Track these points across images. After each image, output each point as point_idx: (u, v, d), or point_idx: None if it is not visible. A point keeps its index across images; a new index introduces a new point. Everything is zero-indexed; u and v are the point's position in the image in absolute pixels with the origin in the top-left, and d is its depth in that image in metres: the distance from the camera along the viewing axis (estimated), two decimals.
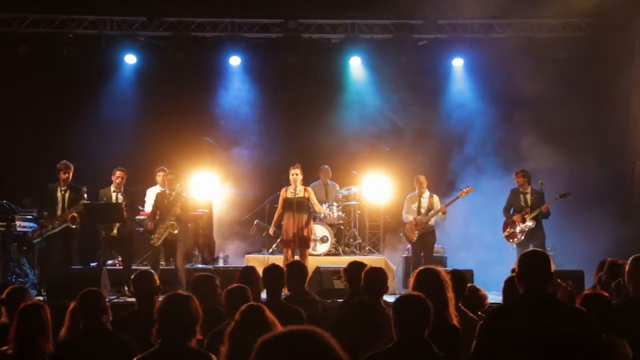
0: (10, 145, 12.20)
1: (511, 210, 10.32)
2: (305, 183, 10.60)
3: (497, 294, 8.96)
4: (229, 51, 13.05)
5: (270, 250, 11.38)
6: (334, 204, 11.62)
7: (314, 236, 10.61)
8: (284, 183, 10.35)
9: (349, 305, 5.62)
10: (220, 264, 11.27)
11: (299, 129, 12.94)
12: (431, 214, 10.45)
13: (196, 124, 12.75)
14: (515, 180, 10.31)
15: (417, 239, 10.49)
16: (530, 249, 7.44)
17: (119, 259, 10.71)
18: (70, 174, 9.76)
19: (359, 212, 12.10)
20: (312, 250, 10.93)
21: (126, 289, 9.26)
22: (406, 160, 12.38)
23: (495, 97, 12.73)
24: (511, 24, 12.80)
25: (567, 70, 12.21)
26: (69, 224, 9.54)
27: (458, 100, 13.19)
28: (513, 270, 4.01)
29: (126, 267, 9.79)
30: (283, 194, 10.23)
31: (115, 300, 8.80)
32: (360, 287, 5.23)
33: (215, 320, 4.58)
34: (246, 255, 11.29)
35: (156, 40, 12.98)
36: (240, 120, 13.13)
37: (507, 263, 9.38)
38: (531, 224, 10.01)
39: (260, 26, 13.03)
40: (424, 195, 10.58)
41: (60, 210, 9.65)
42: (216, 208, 12.18)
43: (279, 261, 9.73)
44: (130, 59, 13.01)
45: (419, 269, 4.59)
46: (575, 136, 12.04)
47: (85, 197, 9.60)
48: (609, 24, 12.08)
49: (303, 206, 10.12)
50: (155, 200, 10.02)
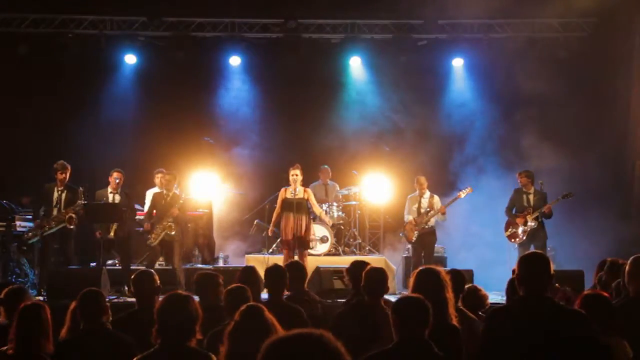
0: (10, 145, 12.21)
1: (513, 211, 10.31)
2: (305, 183, 10.59)
3: (498, 294, 8.99)
4: (229, 51, 13.05)
5: (270, 250, 11.37)
6: (334, 204, 11.62)
7: (313, 236, 10.60)
8: (284, 183, 10.34)
9: (349, 305, 5.62)
10: (220, 264, 11.27)
11: (299, 128, 12.93)
12: (430, 214, 10.45)
13: (196, 124, 12.74)
14: (518, 181, 10.30)
15: (417, 239, 10.49)
16: (530, 251, 7.44)
17: (119, 259, 10.73)
18: (67, 174, 9.71)
19: (359, 212, 12.10)
20: (312, 250, 10.93)
21: (126, 289, 9.27)
22: (406, 160, 12.38)
23: (495, 97, 12.74)
24: (511, 24, 12.80)
25: (567, 70, 12.19)
26: (66, 224, 9.53)
27: (458, 100, 13.19)
28: (514, 272, 4.01)
29: (125, 267, 9.80)
30: (282, 194, 10.22)
31: (115, 300, 8.81)
32: (360, 287, 5.23)
33: (217, 318, 4.59)
34: (246, 255, 11.28)
35: (156, 40, 12.98)
36: (240, 120, 13.12)
37: (508, 263, 9.41)
38: (533, 224, 10.01)
39: (260, 26, 13.02)
40: (425, 196, 10.58)
41: (56, 210, 9.61)
42: (216, 208, 12.19)
43: (278, 261, 9.75)
44: (130, 59, 13.02)
45: (419, 269, 4.59)
46: (576, 136, 12.02)
47: (82, 198, 9.60)
48: (609, 24, 12.08)
49: (303, 207, 10.12)
50: (152, 200, 10.03)
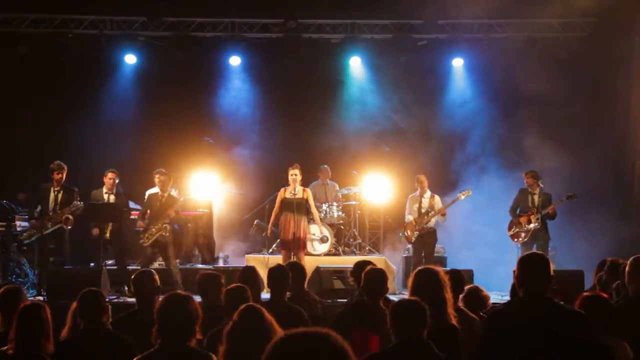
0: (10, 145, 12.21)
1: (517, 211, 10.30)
2: (305, 183, 10.59)
3: (499, 294, 9.00)
4: (229, 51, 13.05)
5: (270, 250, 11.36)
6: (334, 204, 11.61)
7: (313, 236, 10.60)
8: (284, 183, 10.33)
9: (348, 305, 5.63)
10: (220, 264, 11.27)
11: (299, 128, 12.92)
12: (431, 214, 10.44)
13: (196, 124, 12.73)
14: (525, 181, 10.28)
15: (417, 240, 10.49)
16: (530, 252, 7.42)
17: (115, 259, 10.75)
18: (63, 174, 9.68)
19: (359, 212, 12.10)
20: (312, 250, 10.93)
21: (126, 289, 9.28)
22: (406, 160, 12.36)
23: (495, 97, 12.72)
24: (511, 24, 12.79)
25: (567, 70, 12.18)
26: (63, 225, 9.50)
27: (458, 100, 13.18)
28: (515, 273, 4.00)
29: (120, 267, 9.81)
30: (281, 195, 10.19)
31: (115, 300, 8.81)
32: (360, 288, 5.23)
33: (219, 318, 4.59)
34: (246, 255, 11.28)
35: (156, 40, 12.98)
36: (240, 120, 13.11)
37: (509, 263, 9.39)
38: (536, 224, 10.00)
39: (260, 26, 13.02)
40: (425, 196, 10.57)
41: (52, 210, 9.57)
42: (216, 208, 12.18)
43: (278, 261, 9.75)
44: (130, 59, 13.02)
45: (418, 269, 4.59)
46: (576, 136, 12.02)
47: (78, 198, 9.58)
48: (609, 24, 12.07)
49: (302, 207, 10.10)
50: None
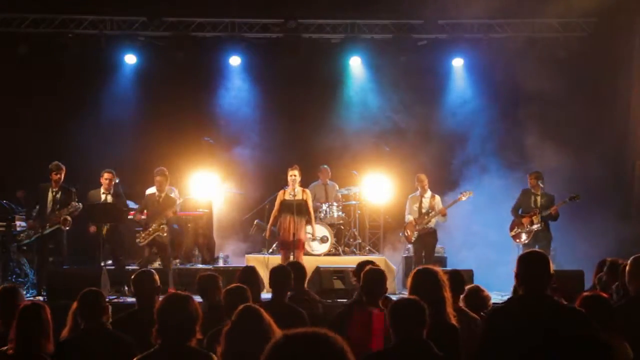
0: (10, 145, 12.20)
1: (519, 211, 10.29)
2: (305, 183, 10.57)
3: (499, 294, 8.99)
4: (229, 51, 13.04)
5: (270, 250, 11.36)
6: (334, 204, 11.60)
7: (309, 236, 10.59)
8: (284, 183, 10.31)
9: (347, 305, 5.63)
10: (220, 264, 11.26)
11: (298, 128, 12.92)
12: (431, 215, 10.43)
13: (196, 124, 12.73)
14: (528, 182, 10.26)
15: (417, 240, 10.48)
16: (530, 250, 7.41)
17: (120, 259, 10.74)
18: (62, 174, 9.64)
19: (359, 212, 12.09)
20: (312, 251, 10.93)
21: (126, 289, 9.27)
22: (406, 160, 12.36)
23: (495, 97, 12.72)
24: (511, 24, 12.79)
25: (567, 70, 12.18)
26: (61, 226, 9.49)
27: (458, 100, 13.17)
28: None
29: (117, 266, 9.80)
30: (281, 196, 10.14)
31: (115, 300, 8.81)
32: (359, 288, 5.23)
33: (219, 318, 4.59)
34: (246, 255, 11.27)
35: (156, 40, 12.97)
36: (240, 120, 13.11)
37: (510, 263, 9.37)
38: (539, 225, 9.99)
39: (260, 26, 13.02)
40: (426, 196, 10.55)
41: (50, 210, 9.54)
42: (216, 208, 12.18)
43: (278, 261, 9.75)
44: (130, 59, 13.01)
45: (416, 269, 4.62)
46: (576, 136, 12.01)
47: (76, 199, 9.57)
48: (609, 24, 12.07)
49: (302, 208, 10.06)
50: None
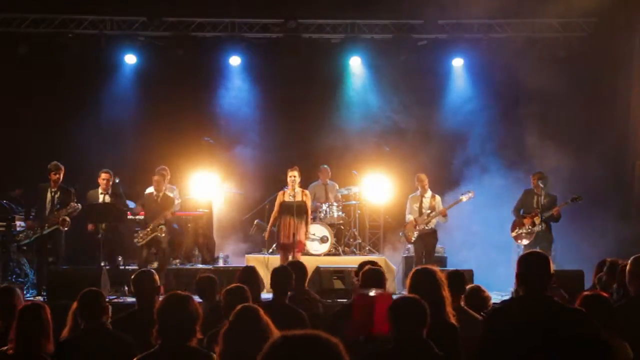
0: (10, 145, 12.21)
1: (521, 211, 10.27)
2: (305, 183, 10.56)
3: (499, 294, 8.99)
4: (229, 51, 13.04)
5: (270, 250, 11.36)
6: (334, 204, 11.60)
7: (314, 236, 10.59)
8: (284, 183, 10.30)
9: (345, 305, 5.64)
10: (220, 264, 11.26)
11: (299, 128, 12.92)
12: (432, 215, 10.43)
13: (196, 124, 12.73)
14: (532, 182, 10.26)
15: (417, 240, 10.47)
16: (530, 250, 7.42)
17: (119, 259, 10.73)
18: (61, 174, 9.63)
19: (359, 212, 12.09)
20: (312, 251, 10.92)
21: (126, 289, 9.27)
22: (406, 160, 12.36)
23: (495, 97, 12.72)
24: (511, 24, 12.79)
25: (567, 70, 12.19)
26: (60, 227, 9.47)
27: (458, 101, 13.16)
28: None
29: (112, 266, 9.80)
30: (280, 198, 10.12)
31: (115, 300, 8.81)
32: (358, 287, 5.24)
33: (220, 318, 4.59)
34: (246, 255, 11.27)
35: (156, 40, 12.97)
36: (240, 120, 13.10)
37: (510, 263, 9.39)
38: (541, 226, 9.97)
39: (260, 26, 13.02)
40: (426, 196, 10.55)
41: (49, 211, 9.52)
42: (216, 208, 12.17)
43: (278, 261, 9.76)
44: (130, 59, 13.01)
45: (415, 269, 4.67)
46: (576, 136, 12.02)
47: (75, 199, 9.56)
48: (609, 24, 12.07)
49: (302, 210, 10.04)
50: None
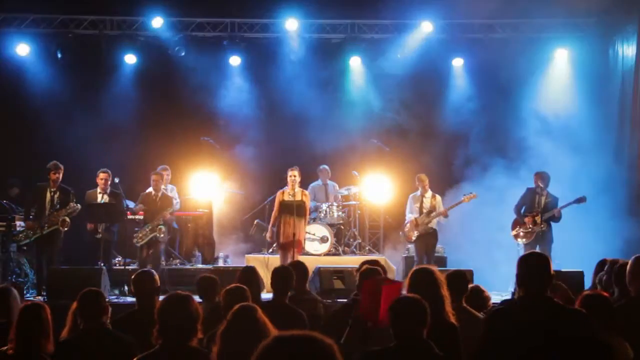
0: (9, 145, 12.20)
1: (522, 210, 10.26)
2: (305, 183, 10.55)
3: (499, 294, 8.98)
4: (229, 51, 13.04)
5: (270, 250, 11.36)
6: (334, 204, 11.60)
7: (314, 236, 10.59)
8: (284, 183, 10.30)
9: (343, 304, 5.65)
10: (220, 264, 11.26)
11: (299, 129, 12.89)
12: (433, 215, 10.43)
13: (196, 124, 12.74)
14: (534, 181, 10.25)
15: (417, 239, 10.47)
16: (530, 251, 7.42)
17: (119, 259, 10.74)
18: (60, 174, 9.58)
19: (359, 212, 12.09)
20: (312, 251, 10.92)
21: (126, 288, 9.27)
22: (406, 160, 12.36)
23: (495, 97, 12.72)
24: (511, 24, 12.80)
25: (567, 70, 12.19)
26: (59, 227, 9.45)
27: (458, 101, 13.15)
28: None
29: (108, 266, 9.78)
30: (279, 197, 10.12)
31: (115, 300, 8.81)
32: (356, 287, 5.25)
33: (220, 318, 4.59)
34: (246, 255, 11.27)
35: (156, 40, 12.96)
36: (240, 120, 13.08)
37: (510, 263, 9.37)
38: (541, 226, 9.97)
39: (260, 26, 13.02)
40: (427, 196, 10.56)
41: (47, 211, 9.48)
42: (216, 208, 12.18)
43: (278, 261, 9.76)
44: (130, 59, 13.00)
45: (413, 269, 4.69)
46: (576, 135, 12.03)
47: (74, 200, 9.56)
48: (609, 24, 12.07)
49: (302, 210, 10.04)
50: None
